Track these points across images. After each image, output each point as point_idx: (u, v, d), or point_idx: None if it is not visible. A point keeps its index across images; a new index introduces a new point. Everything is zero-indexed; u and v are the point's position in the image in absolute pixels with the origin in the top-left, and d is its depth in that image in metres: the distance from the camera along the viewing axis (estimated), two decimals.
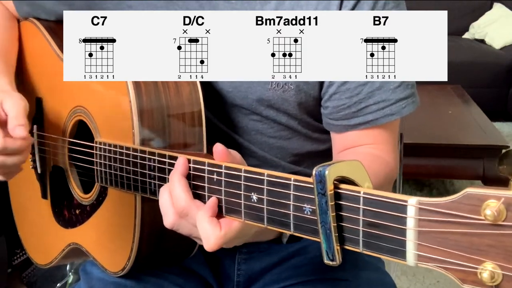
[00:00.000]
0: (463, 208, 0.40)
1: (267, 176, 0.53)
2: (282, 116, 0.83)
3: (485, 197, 0.39)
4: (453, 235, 0.41)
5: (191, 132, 0.77)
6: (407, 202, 0.43)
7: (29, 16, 0.98)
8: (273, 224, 0.53)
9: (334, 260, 0.48)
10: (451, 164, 2.44)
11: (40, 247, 1.04)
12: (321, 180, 0.47)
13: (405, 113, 0.79)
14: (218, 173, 0.58)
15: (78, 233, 0.89)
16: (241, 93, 0.80)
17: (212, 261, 0.92)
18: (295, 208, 0.51)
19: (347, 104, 0.78)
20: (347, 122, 0.80)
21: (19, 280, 1.76)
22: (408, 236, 0.43)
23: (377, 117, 0.78)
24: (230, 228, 0.57)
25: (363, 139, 0.81)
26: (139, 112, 0.73)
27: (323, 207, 0.48)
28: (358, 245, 0.47)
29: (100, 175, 0.79)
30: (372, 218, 0.45)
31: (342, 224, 0.48)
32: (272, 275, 0.89)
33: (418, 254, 0.43)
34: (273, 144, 0.85)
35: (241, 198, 0.56)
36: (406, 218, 0.43)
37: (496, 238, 0.39)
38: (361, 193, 0.46)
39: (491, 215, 0.38)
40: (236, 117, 0.83)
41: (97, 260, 0.85)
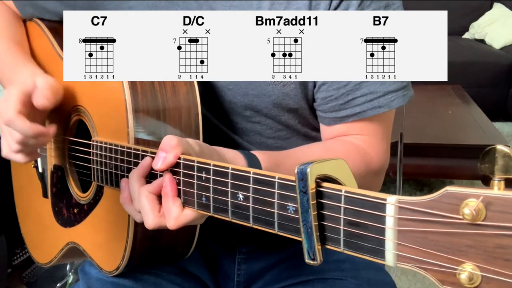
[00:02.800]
0: (443, 207, 0.39)
1: (253, 174, 0.53)
2: (282, 114, 0.83)
3: (465, 196, 0.38)
4: (433, 235, 0.40)
5: (187, 132, 0.76)
6: (386, 200, 0.42)
7: (33, 17, 0.98)
8: (258, 223, 0.53)
9: (315, 260, 0.48)
10: (451, 164, 2.44)
11: (41, 246, 1.04)
12: (302, 178, 0.47)
13: (394, 106, 0.78)
14: (206, 171, 0.58)
15: (76, 232, 0.90)
16: (242, 89, 0.80)
17: (211, 262, 0.92)
18: (279, 207, 0.51)
19: (335, 95, 0.78)
20: (336, 115, 0.80)
21: (19, 280, 1.76)
22: (387, 235, 0.42)
23: (364, 109, 0.78)
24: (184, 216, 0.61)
25: (350, 130, 0.81)
26: (134, 111, 0.73)
27: (305, 205, 0.47)
28: (339, 244, 0.46)
29: (97, 173, 0.79)
30: (353, 217, 0.45)
31: (324, 223, 0.47)
32: (272, 275, 0.89)
33: (397, 254, 0.42)
34: (272, 144, 0.85)
35: (228, 197, 0.56)
36: (385, 216, 0.42)
37: (476, 238, 0.38)
38: (342, 192, 0.45)
39: (469, 214, 0.37)
40: (235, 118, 0.83)
41: (93, 259, 0.86)
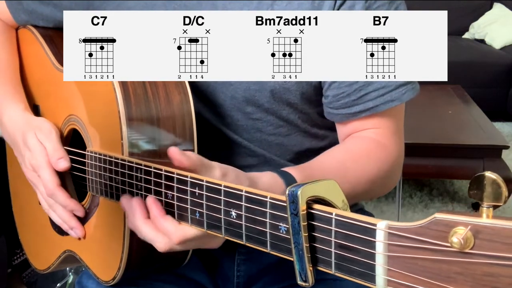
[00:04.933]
0: (431, 234, 0.39)
1: (245, 192, 0.53)
2: (283, 108, 0.83)
3: (453, 223, 0.38)
4: (422, 261, 0.40)
5: (182, 142, 0.76)
6: (376, 226, 0.42)
7: (27, 23, 0.98)
8: (251, 241, 0.53)
9: (307, 282, 0.48)
10: (451, 164, 2.44)
11: (38, 252, 1.04)
12: (293, 201, 0.47)
13: (405, 99, 0.79)
14: (200, 187, 0.58)
15: (72, 241, 0.89)
16: (243, 84, 0.80)
17: (210, 264, 0.91)
18: (271, 227, 0.50)
19: (347, 92, 0.78)
20: (348, 111, 0.80)
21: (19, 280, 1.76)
22: (377, 260, 0.42)
23: (377, 103, 0.78)
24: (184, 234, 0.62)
25: (364, 125, 0.81)
26: (127, 123, 0.73)
27: (296, 227, 0.47)
28: (330, 266, 0.46)
29: (91, 184, 0.79)
30: (344, 241, 0.45)
31: (315, 245, 0.47)
32: (272, 276, 0.89)
33: (388, 279, 0.42)
34: (272, 141, 0.85)
35: (221, 214, 0.55)
36: (375, 242, 0.42)
37: (464, 266, 0.38)
38: (333, 215, 0.45)
39: (457, 243, 0.37)
40: (236, 115, 0.83)
41: (90, 268, 0.86)
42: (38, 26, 0.97)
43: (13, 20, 0.98)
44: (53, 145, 0.82)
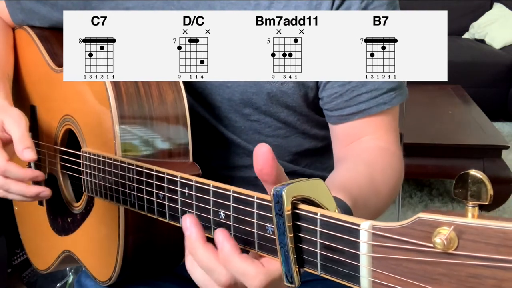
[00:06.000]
0: (415, 234, 0.38)
1: (233, 192, 0.52)
2: (281, 111, 0.82)
3: (437, 224, 0.37)
4: (407, 262, 0.39)
5: (176, 142, 0.76)
6: (360, 226, 0.41)
7: (24, 23, 0.98)
8: (239, 242, 0.52)
9: (293, 283, 0.47)
10: (451, 164, 2.44)
11: (39, 252, 1.04)
12: (278, 201, 0.46)
13: (395, 103, 0.79)
14: (189, 187, 0.58)
15: (70, 241, 0.89)
16: (240, 86, 0.80)
17: None
18: (258, 227, 0.50)
19: (340, 92, 0.78)
20: (341, 112, 0.80)
21: (19, 280, 1.76)
22: (361, 261, 0.42)
23: (370, 106, 0.78)
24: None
25: (363, 130, 0.80)
26: (120, 123, 0.73)
27: (281, 228, 0.46)
28: (316, 268, 0.46)
29: (86, 184, 0.79)
30: (328, 241, 0.44)
31: (301, 246, 0.46)
32: None
33: (372, 280, 0.41)
34: (271, 143, 0.85)
35: (210, 214, 0.55)
36: (359, 242, 0.42)
37: (449, 267, 0.37)
38: (318, 215, 0.45)
39: (440, 244, 0.36)
40: (234, 116, 0.83)
41: (88, 268, 0.86)
42: (34, 27, 0.97)
43: (11, 20, 0.98)
44: (20, 134, 0.77)
